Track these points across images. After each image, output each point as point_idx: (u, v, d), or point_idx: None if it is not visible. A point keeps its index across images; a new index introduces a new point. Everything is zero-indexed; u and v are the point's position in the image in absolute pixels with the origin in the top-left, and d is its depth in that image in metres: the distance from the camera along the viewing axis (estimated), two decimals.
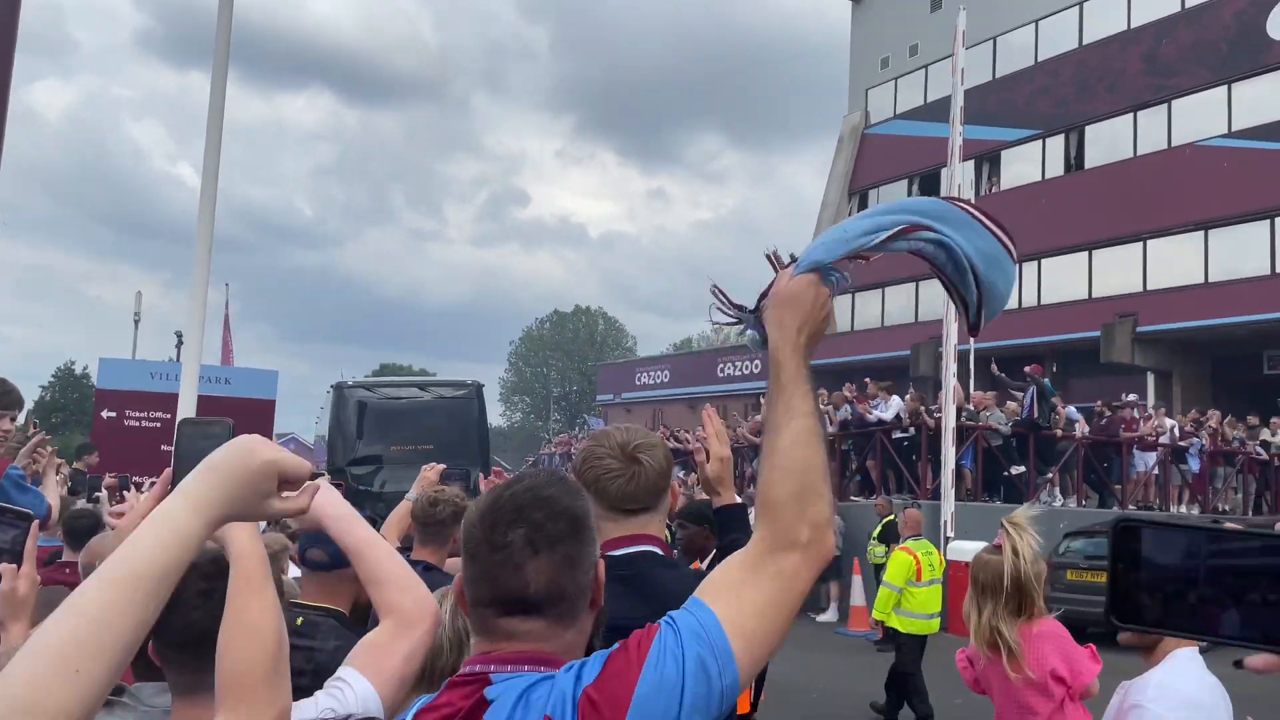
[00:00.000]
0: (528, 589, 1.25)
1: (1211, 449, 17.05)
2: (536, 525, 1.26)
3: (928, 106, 29.64)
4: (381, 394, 17.60)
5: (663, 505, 1.99)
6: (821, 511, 1.30)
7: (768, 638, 1.25)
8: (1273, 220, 22.56)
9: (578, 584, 1.28)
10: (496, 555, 1.26)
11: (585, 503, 1.34)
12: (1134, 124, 25.81)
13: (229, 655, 1.43)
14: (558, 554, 1.26)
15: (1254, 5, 23.75)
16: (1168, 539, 0.71)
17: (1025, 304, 27.07)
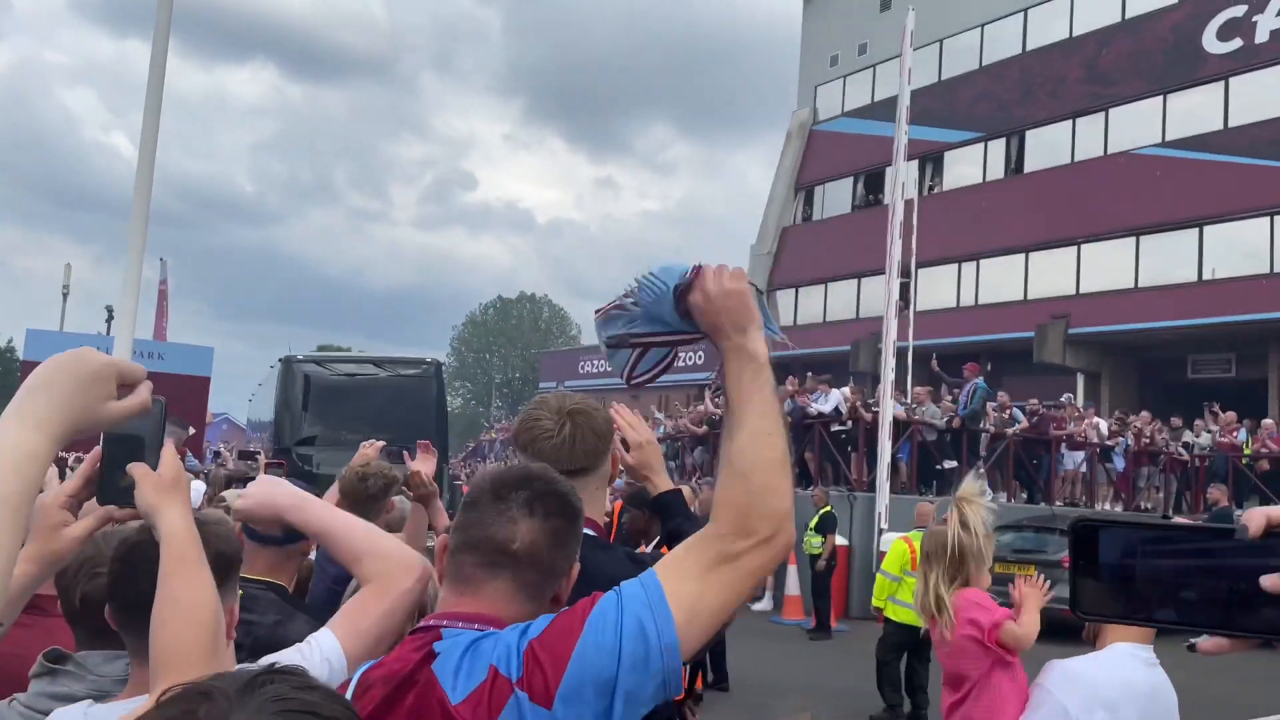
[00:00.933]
0: (512, 543, 1.32)
1: (1136, 449, 17.60)
2: (539, 494, 1.36)
3: (875, 105, 30.02)
4: (334, 370, 16.58)
5: (601, 470, 1.97)
6: (779, 506, 1.32)
7: (711, 616, 1.28)
8: (1201, 229, 23.31)
9: (554, 561, 1.36)
10: (496, 505, 1.35)
11: (581, 506, 1.42)
12: (1072, 130, 26.45)
13: (163, 635, 1.40)
14: (550, 524, 1.34)
15: (1191, 19, 24.46)
16: (1122, 536, 0.77)
17: (963, 303, 27.63)
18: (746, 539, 1.30)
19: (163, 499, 1.46)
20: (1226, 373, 24.07)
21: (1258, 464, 17.34)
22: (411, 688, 1.27)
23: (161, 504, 1.45)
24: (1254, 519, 0.74)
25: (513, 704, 1.22)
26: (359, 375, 16.39)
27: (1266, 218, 22.29)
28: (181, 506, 1.48)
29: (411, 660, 1.29)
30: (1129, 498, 17.44)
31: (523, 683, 1.22)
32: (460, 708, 1.23)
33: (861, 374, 24.94)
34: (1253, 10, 23.36)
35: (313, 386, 15.64)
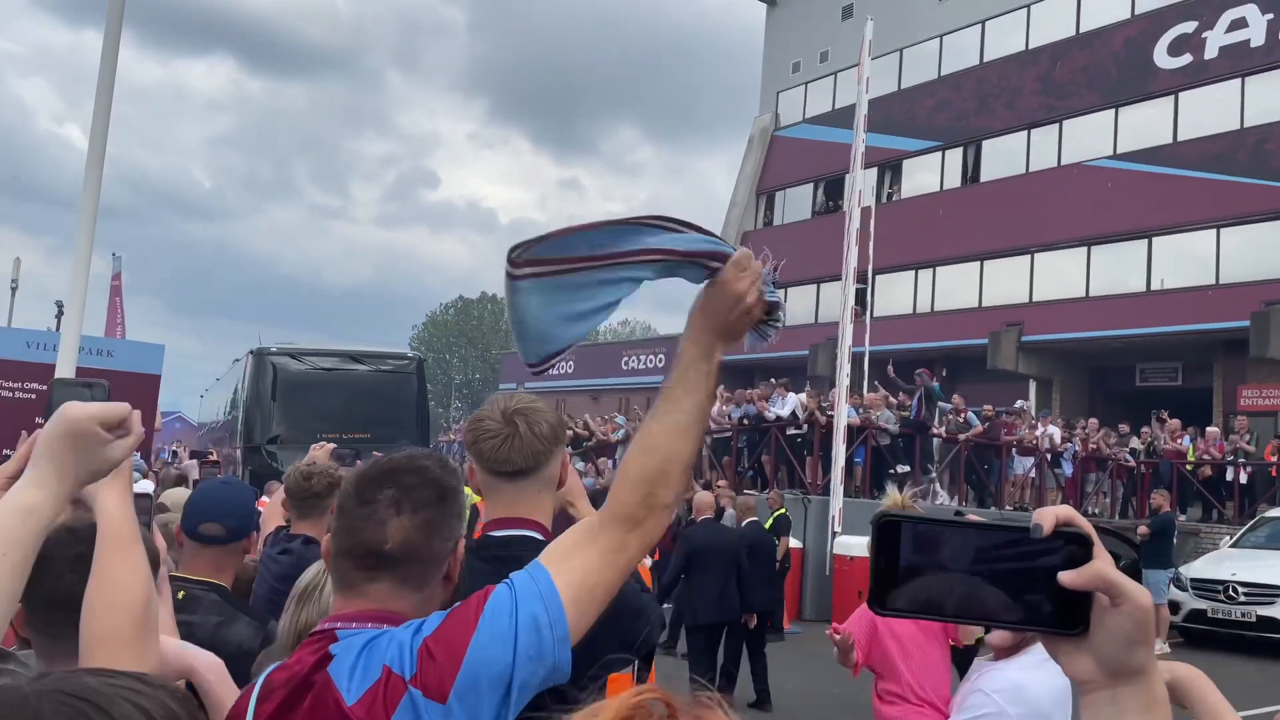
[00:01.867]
0: (385, 544, 1.32)
1: (1084, 455, 17.95)
2: (405, 488, 1.35)
3: (836, 112, 30.31)
4: (309, 364, 15.45)
5: (545, 472, 1.93)
6: (665, 497, 1.38)
7: (594, 600, 1.34)
8: (1150, 240, 23.83)
9: (433, 550, 1.36)
10: (363, 509, 1.34)
11: (456, 481, 1.41)
12: (1027, 141, 26.92)
13: (93, 617, 1.40)
14: (419, 517, 1.34)
15: (1143, 34, 25.01)
16: (923, 532, 0.79)
17: (920, 310, 27.98)
18: (624, 526, 1.35)
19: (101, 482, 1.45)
20: (1173, 381, 24.62)
21: (1200, 470, 17.78)
22: (309, 690, 1.29)
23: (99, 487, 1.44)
24: (1045, 517, 0.78)
25: (407, 702, 1.23)
26: (336, 370, 15.44)
27: (1213, 230, 22.84)
28: (120, 489, 1.48)
29: (308, 663, 1.31)
30: (1077, 502, 17.76)
31: (416, 680, 1.24)
32: (355, 708, 1.25)
33: (820, 378, 25.16)
34: (1203, 27, 23.93)
35: (286, 381, 14.79)
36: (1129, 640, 0.76)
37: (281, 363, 15.15)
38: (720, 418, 17.33)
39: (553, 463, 1.94)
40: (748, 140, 35.09)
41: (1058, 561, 0.76)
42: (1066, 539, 0.77)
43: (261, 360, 15.20)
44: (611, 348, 41.52)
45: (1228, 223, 22.56)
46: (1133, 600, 0.76)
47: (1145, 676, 0.78)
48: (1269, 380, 21.70)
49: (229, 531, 2.39)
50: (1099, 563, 0.76)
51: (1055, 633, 0.78)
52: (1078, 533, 0.77)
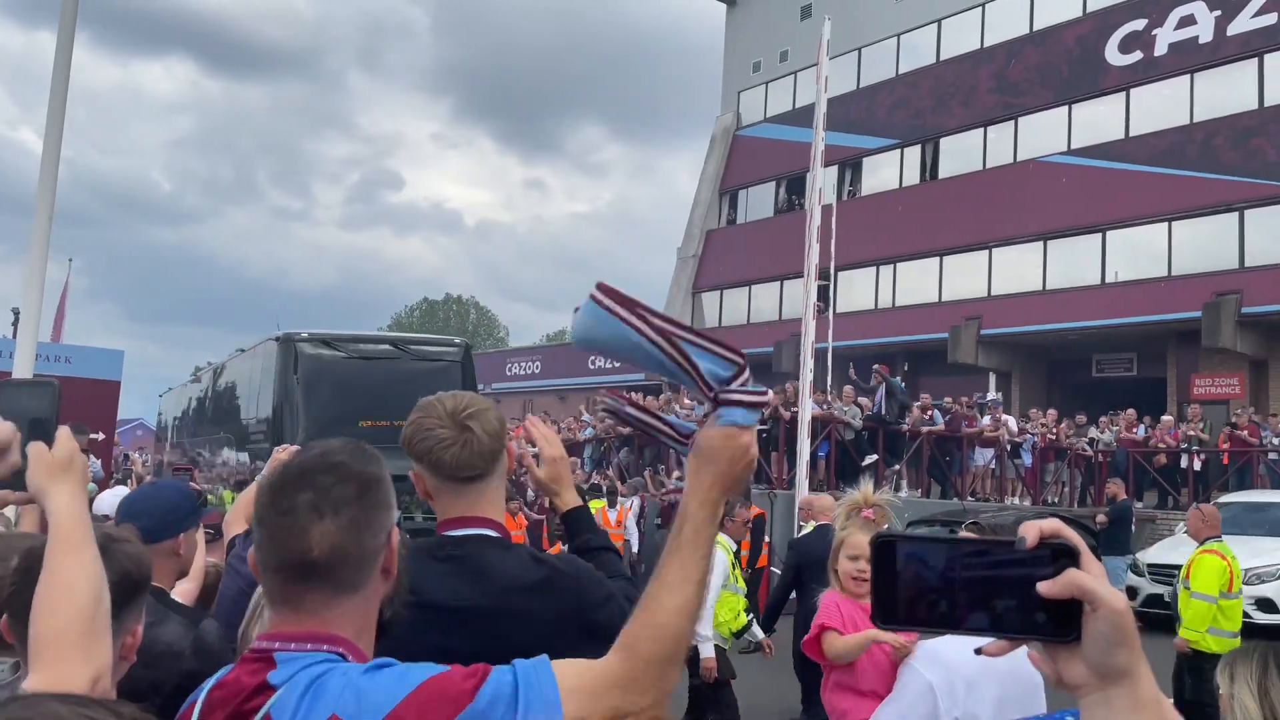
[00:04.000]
0: (311, 552, 1.23)
1: (1043, 445, 18.27)
2: (323, 490, 1.26)
3: (796, 111, 30.55)
4: (347, 351, 13.54)
5: (499, 469, 1.93)
6: (671, 681, 1.30)
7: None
8: (1104, 234, 24.28)
9: (364, 548, 1.27)
10: (282, 519, 1.25)
11: (378, 469, 1.32)
12: (984, 138, 27.31)
13: (42, 614, 1.39)
14: (343, 518, 1.25)
15: (1095, 31, 25.47)
16: (917, 550, 0.85)
17: (881, 305, 28.30)
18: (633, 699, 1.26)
19: (53, 481, 1.45)
20: (1128, 371, 25.10)
21: (1155, 458, 18.16)
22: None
23: (51, 486, 1.45)
24: (1030, 531, 0.82)
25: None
26: (375, 358, 13.54)
27: (1164, 223, 23.32)
28: (72, 488, 1.47)
29: (246, 687, 1.23)
30: (1036, 492, 18.08)
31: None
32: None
33: (784, 374, 25.37)
34: (1152, 24, 24.43)
35: (319, 372, 12.90)
36: (1108, 643, 0.80)
37: (313, 351, 13.15)
38: (688, 416, 17.43)
39: (504, 458, 1.94)
40: (710, 140, 35.25)
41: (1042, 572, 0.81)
42: (1053, 550, 0.81)
43: (289, 348, 13.04)
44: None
45: (1179, 216, 23.05)
46: (1107, 605, 0.80)
47: (1132, 677, 0.82)
48: (1220, 369, 22.21)
49: (144, 533, 2.39)
50: (1075, 571, 0.80)
51: (1050, 640, 0.83)
52: (1063, 544, 0.81)
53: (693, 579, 1.32)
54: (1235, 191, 22.16)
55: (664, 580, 1.31)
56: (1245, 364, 21.94)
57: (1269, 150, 21.96)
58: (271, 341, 13.54)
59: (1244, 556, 12.56)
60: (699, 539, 1.33)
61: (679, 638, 1.30)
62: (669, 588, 1.31)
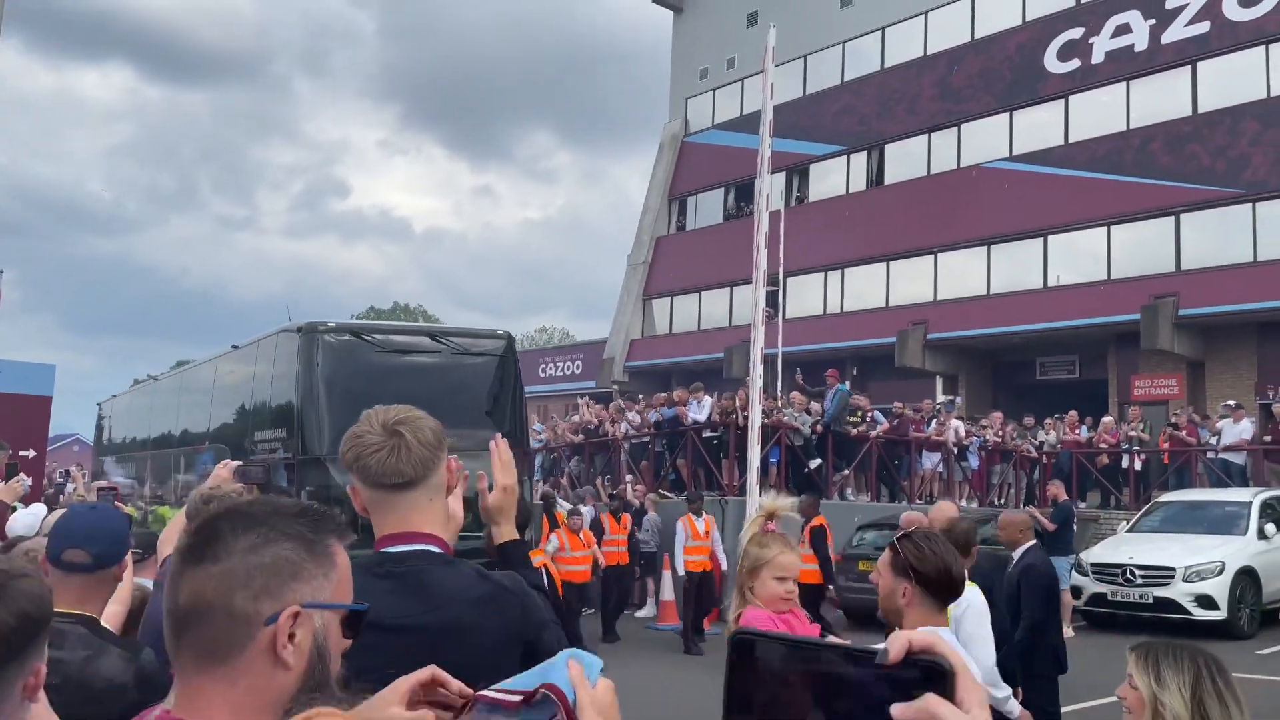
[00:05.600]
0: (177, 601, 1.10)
1: (991, 448, 18.52)
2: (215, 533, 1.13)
3: (744, 118, 30.73)
4: (380, 345, 11.55)
5: (434, 479, 1.88)
6: None
7: None
8: (1045, 239, 24.73)
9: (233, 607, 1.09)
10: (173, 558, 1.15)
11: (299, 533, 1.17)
12: (928, 144, 27.69)
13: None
14: (218, 567, 1.10)
15: (1034, 39, 25.96)
16: (777, 651, 0.78)
17: (830, 310, 28.53)
18: None
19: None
20: (1071, 374, 25.57)
21: (1098, 459, 18.50)
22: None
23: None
24: (895, 644, 0.74)
25: None
26: (413, 352, 11.70)
27: (1103, 228, 23.81)
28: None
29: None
30: (983, 494, 18.30)
31: None
32: None
33: (735, 380, 25.45)
34: (1089, 33, 24.96)
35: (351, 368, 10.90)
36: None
37: (343, 344, 11.19)
38: (641, 426, 17.38)
39: (439, 469, 1.89)
40: (659, 146, 35.31)
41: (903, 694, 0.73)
42: (922, 668, 0.73)
43: (312, 341, 10.99)
44: (528, 355, 41.30)
45: (1117, 220, 23.56)
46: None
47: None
48: (1159, 370, 22.72)
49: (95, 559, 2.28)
50: (933, 699, 0.71)
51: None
52: (932, 663, 0.73)
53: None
54: (1171, 196, 22.71)
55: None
56: (1183, 365, 22.46)
57: (1203, 155, 22.53)
58: (287, 333, 11.33)
59: (1184, 555, 12.89)
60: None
61: None
62: None
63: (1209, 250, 22.08)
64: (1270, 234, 21.30)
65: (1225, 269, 21.59)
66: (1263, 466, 16.57)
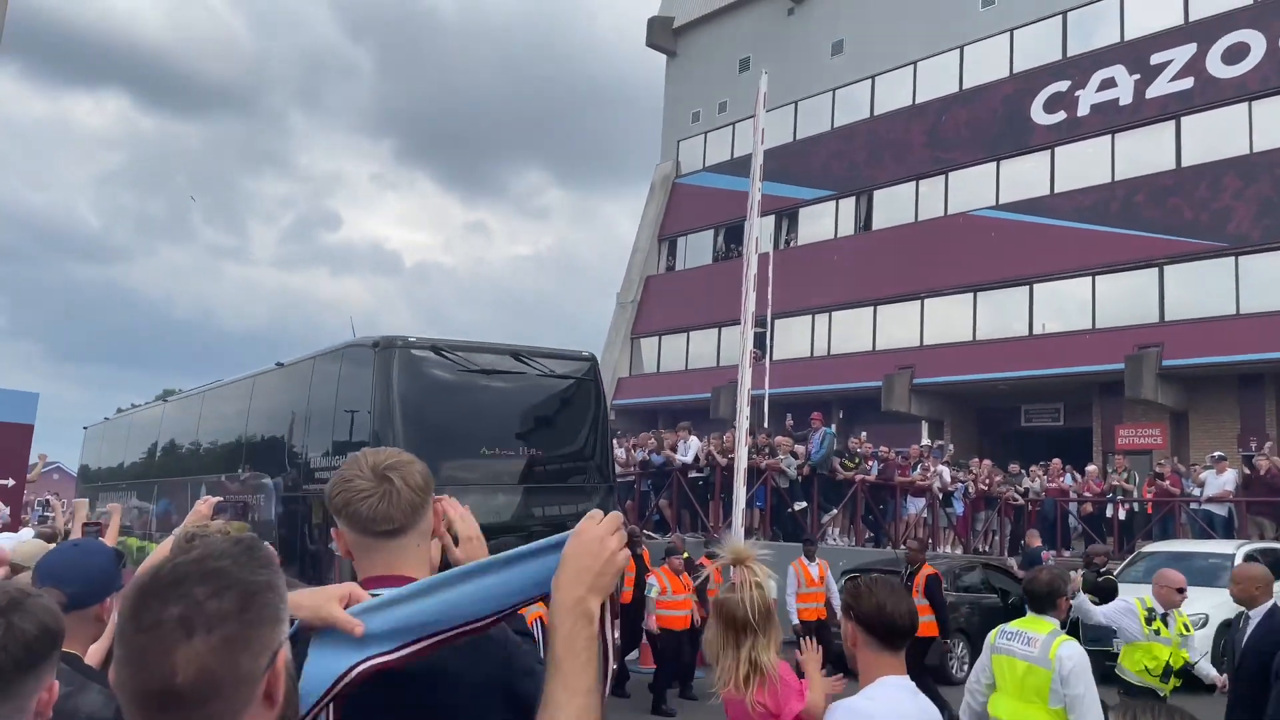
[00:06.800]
0: (175, 679, 1.06)
1: (975, 494, 18.51)
2: (195, 602, 1.08)
3: (734, 161, 31.02)
4: (463, 363, 10.53)
5: (422, 525, 1.88)
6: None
7: None
8: (1031, 287, 24.95)
9: (240, 672, 1.09)
10: (141, 637, 1.07)
11: (267, 575, 1.16)
12: (916, 192, 28.00)
13: None
14: (216, 636, 1.07)
15: (1020, 92, 26.38)
16: None
17: (817, 353, 28.62)
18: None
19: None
20: (1055, 421, 25.67)
21: (1081, 507, 18.52)
22: None
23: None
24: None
25: None
26: (498, 372, 10.84)
27: (1089, 277, 24.05)
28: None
29: None
30: (967, 541, 18.27)
31: None
32: None
33: (722, 421, 25.43)
34: (1075, 86, 25.39)
35: (433, 386, 10.15)
36: None
37: (423, 360, 10.31)
38: (627, 464, 17.31)
39: (428, 514, 1.89)
40: (650, 187, 35.58)
41: None
42: None
43: (390, 357, 10.15)
44: None
45: (1102, 270, 23.81)
46: None
47: None
48: (1143, 420, 22.83)
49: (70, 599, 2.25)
50: None
51: None
52: None
53: (580, 689, 1.27)
54: (1155, 248, 22.98)
55: (551, 702, 1.27)
56: (1166, 415, 22.59)
57: (1186, 209, 22.85)
58: (359, 348, 10.46)
59: None
60: (573, 647, 1.29)
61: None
62: (552, 704, 1.26)
63: (1192, 302, 22.31)
64: (1252, 287, 21.55)
65: (1208, 321, 21.81)
66: (1246, 518, 16.61)
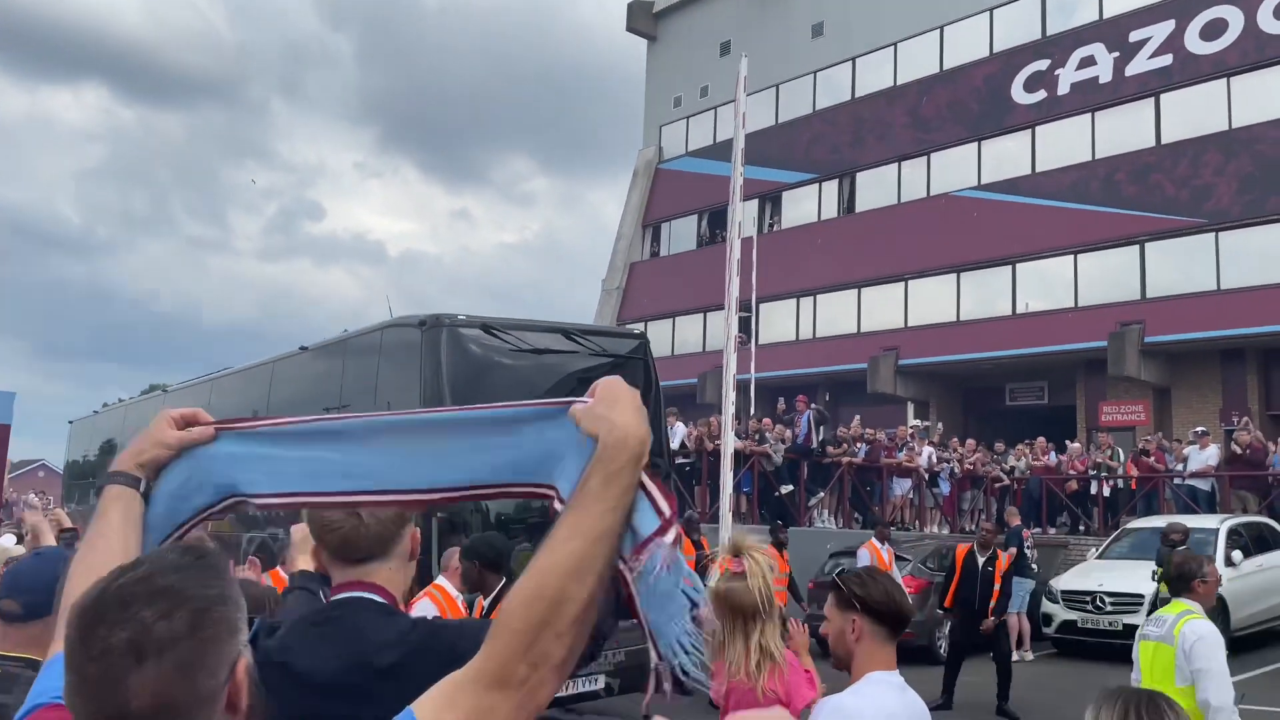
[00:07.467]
0: (128, 707, 1.03)
1: (961, 474, 18.61)
2: (144, 626, 1.04)
3: (717, 146, 30.94)
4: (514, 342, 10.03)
5: (396, 552, 1.92)
6: (553, 653, 1.15)
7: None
8: (1014, 266, 25.03)
9: (198, 693, 1.07)
10: (92, 666, 1.04)
11: (220, 589, 1.12)
12: (898, 173, 28.01)
13: None
14: (168, 660, 1.04)
15: (1001, 71, 26.39)
16: None
17: (802, 336, 28.66)
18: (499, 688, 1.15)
19: None
20: (1040, 400, 25.81)
21: (1067, 485, 18.63)
22: None
23: None
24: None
25: None
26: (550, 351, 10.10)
27: (1070, 256, 24.14)
28: None
29: None
30: (954, 520, 18.38)
31: None
32: None
33: (708, 405, 25.46)
34: (1055, 65, 25.41)
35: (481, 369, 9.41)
36: None
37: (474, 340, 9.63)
38: None
39: (402, 542, 1.92)
40: (633, 173, 35.48)
41: None
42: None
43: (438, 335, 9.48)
44: None
45: (1084, 249, 23.88)
46: None
47: None
48: (1126, 397, 22.97)
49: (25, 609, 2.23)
50: None
51: None
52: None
53: (584, 534, 1.18)
54: (1136, 225, 23.07)
55: (552, 535, 1.19)
56: (1150, 392, 22.73)
57: (1167, 185, 22.94)
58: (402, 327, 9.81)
59: (1150, 581, 12.97)
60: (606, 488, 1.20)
61: (555, 600, 1.14)
62: (550, 546, 1.18)
63: (1174, 279, 22.42)
64: (1233, 263, 21.67)
65: (1190, 297, 21.92)
66: (1229, 493, 16.75)
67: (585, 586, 1.16)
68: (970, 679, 10.15)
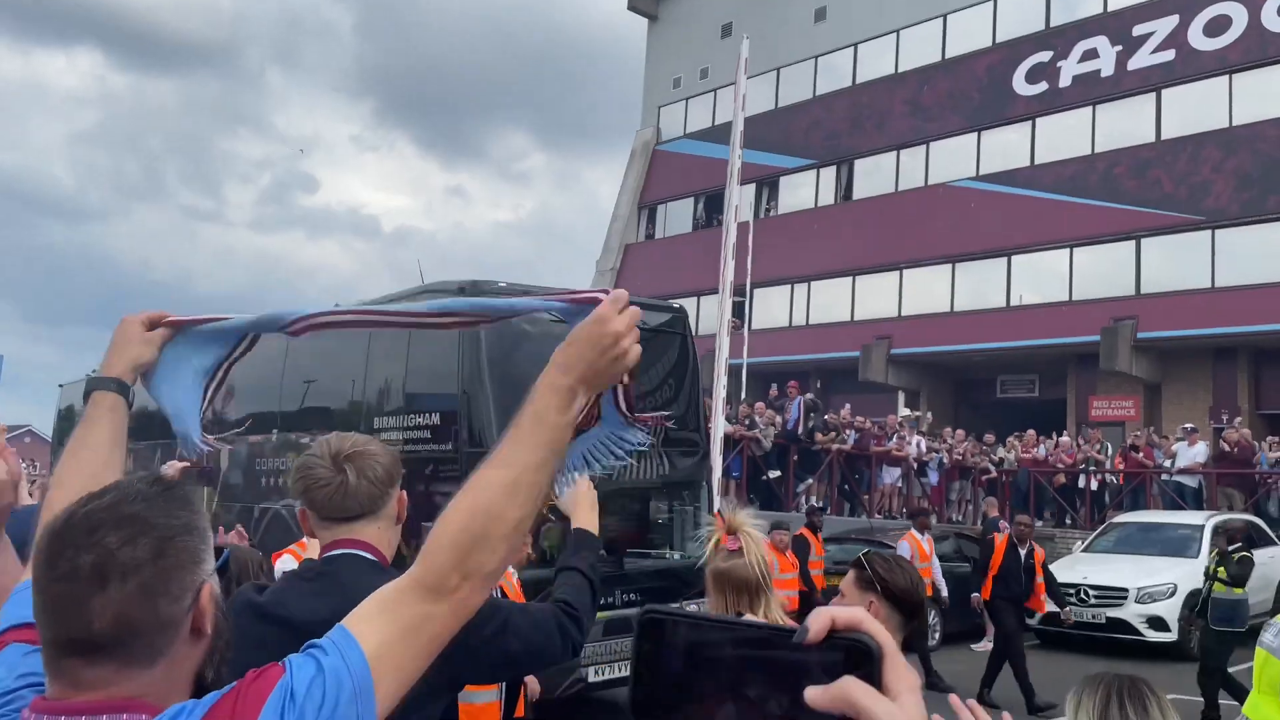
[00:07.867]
0: (91, 628, 1.06)
1: (950, 465, 18.63)
2: (108, 551, 1.07)
3: (715, 128, 30.75)
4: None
5: (383, 513, 1.95)
6: (485, 564, 1.23)
7: (400, 678, 1.20)
8: (1009, 258, 24.99)
9: (160, 617, 1.09)
10: (57, 587, 1.08)
11: (185, 519, 1.14)
12: (896, 161, 27.90)
13: None
14: (131, 584, 1.07)
15: (1003, 61, 26.26)
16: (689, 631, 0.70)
17: (795, 323, 28.62)
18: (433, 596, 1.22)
19: None
20: (1030, 393, 25.83)
21: (1055, 478, 18.67)
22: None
23: None
24: (816, 622, 0.67)
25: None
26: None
27: (1066, 249, 24.10)
28: None
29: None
30: (941, 511, 18.40)
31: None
32: None
33: (703, 389, 25.41)
34: (1057, 56, 25.29)
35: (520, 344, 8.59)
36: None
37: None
38: None
39: (389, 503, 1.96)
40: (630, 153, 35.28)
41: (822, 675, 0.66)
42: (845, 649, 0.66)
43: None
44: None
45: (1080, 243, 23.85)
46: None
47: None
48: (1117, 392, 23.00)
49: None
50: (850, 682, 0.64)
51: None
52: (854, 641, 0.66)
53: (523, 463, 1.26)
54: (1133, 220, 23.03)
55: (491, 457, 1.27)
56: (1140, 387, 22.76)
57: (1166, 181, 22.89)
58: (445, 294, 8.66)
59: (1137, 576, 13.01)
60: (540, 424, 1.27)
61: (491, 515, 1.24)
62: (492, 462, 1.27)
63: (1168, 275, 22.41)
64: (1228, 261, 21.67)
65: (1184, 294, 21.92)
66: (1216, 490, 16.80)
67: (519, 506, 1.25)
68: (955, 666, 10.17)
